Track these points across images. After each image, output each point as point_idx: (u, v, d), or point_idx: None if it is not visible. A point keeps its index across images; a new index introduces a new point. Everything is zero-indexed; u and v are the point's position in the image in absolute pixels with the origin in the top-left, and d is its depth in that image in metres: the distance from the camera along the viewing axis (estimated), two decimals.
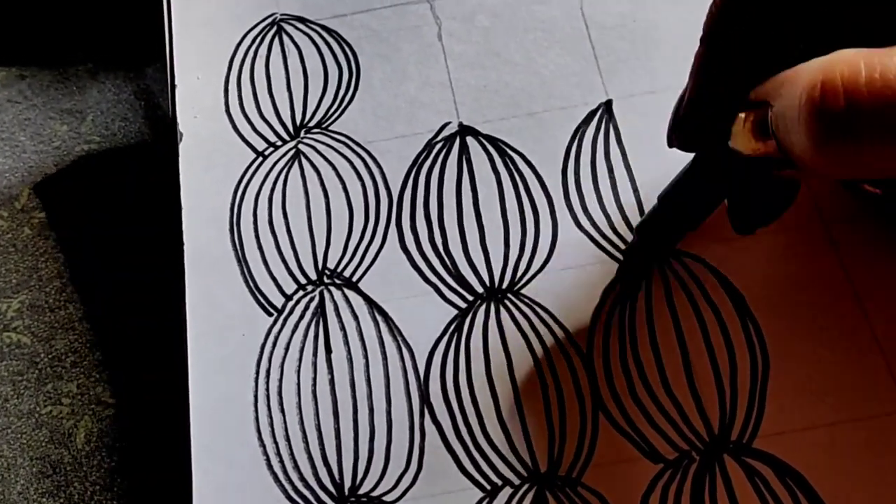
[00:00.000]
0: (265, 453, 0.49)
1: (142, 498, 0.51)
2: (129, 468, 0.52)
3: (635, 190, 0.53)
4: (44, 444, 0.52)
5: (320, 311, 0.52)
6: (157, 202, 0.58)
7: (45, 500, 0.50)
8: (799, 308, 0.49)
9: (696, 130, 0.43)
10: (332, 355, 0.51)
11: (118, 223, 0.59)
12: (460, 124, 0.57)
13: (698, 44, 0.41)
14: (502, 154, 0.55)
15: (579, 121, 0.56)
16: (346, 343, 0.51)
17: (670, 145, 0.44)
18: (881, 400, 0.47)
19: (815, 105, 0.32)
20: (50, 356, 0.54)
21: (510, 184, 0.54)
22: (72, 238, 0.58)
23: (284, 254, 0.54)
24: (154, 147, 0.61)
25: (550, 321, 0.50)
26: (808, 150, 0.33)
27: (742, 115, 0.38)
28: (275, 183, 0.56)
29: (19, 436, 0.52)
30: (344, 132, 0.57)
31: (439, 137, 0.56)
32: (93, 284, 0.57)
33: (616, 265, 0.51)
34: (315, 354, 0.51)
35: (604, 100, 0.56)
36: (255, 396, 0.50)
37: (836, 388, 0.47)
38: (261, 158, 0.57)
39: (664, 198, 0.48)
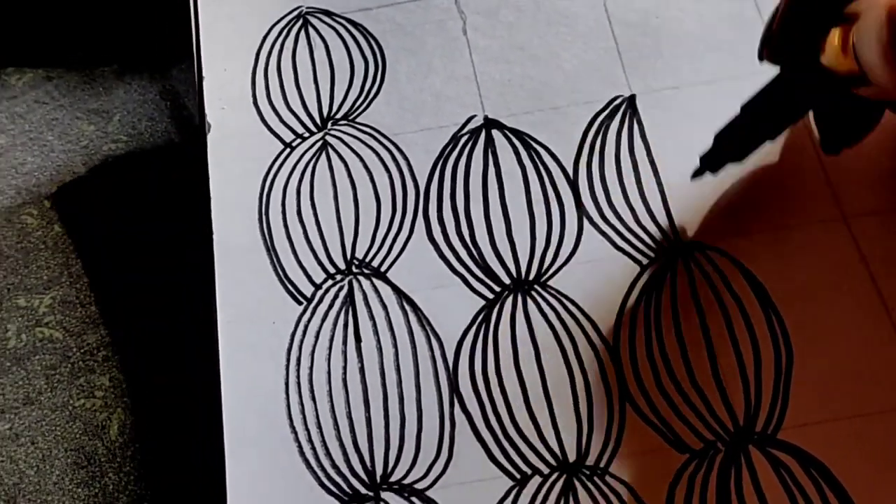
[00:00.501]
0: (297, 440, 0.49)
1: (175, 487, 0.52)
2: (162, 458, 0.53)
3: (659, 183, 0.54)
4: (78, 435, 0.53)
5: (349, 300, 0.53)
6: (184, 199, 0.58)
7: (79, 490, 0.51)
8: (821, 301, 0.50)
9: (786, 44, 0.44)
10: (362, 344, 0.51)
11: (145, 220, 0.59)
12: (485, 117, 0.57)
13: None
14: (527, 147, 0.56)
15: (603, 115, 0.57)
16: (376, 332, 0.52)
17: (760, 59, 0.46)
18: None
19: (890, 22, 0.34)
20: (82, 350, 0.55)
21: (535, 176, 0.55)
22: (100, 235, 0.59)
23: (313, 243, 0.54)
24: (180, 145, 0.62)
25: (577, 313, 0.51)
26: (879, 64, 0.35)
27: (836, 29, 0.39)
28: (303, 174, 0.56)
29: (54, 428, 0.53)
30: (370, 124, 0.58)
31: (465, 130, 0.57)
32: (121, 280, 0.58)
33: (641, 260, 0.52)
34: (345, 343, 0.51)
35: (627, 94, 0.57)
36: (286, 384, 0.51)
37: (860, 380, 0.48)
38: (289, 149, 0.57)
39: (747, 106, 0.49)
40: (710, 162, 0.51)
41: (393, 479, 0.48)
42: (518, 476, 0.48)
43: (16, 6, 0.67)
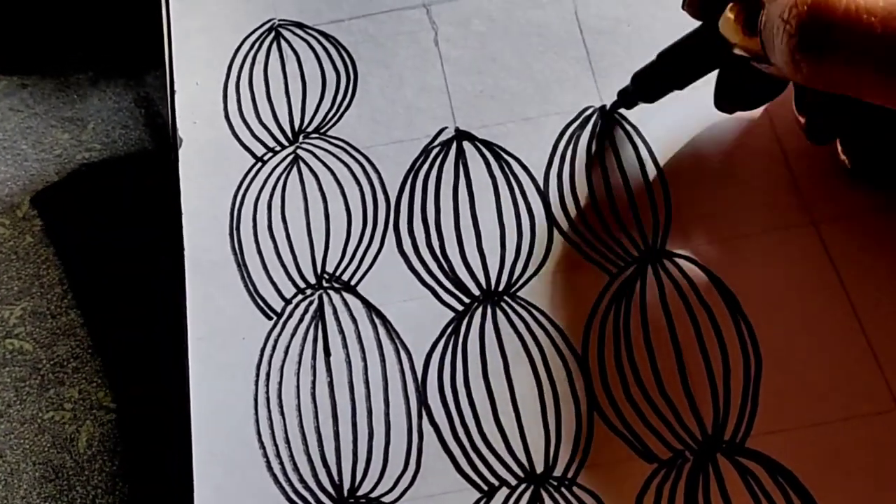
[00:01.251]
0: (265, 455, 0.49)
1: (144, 500, 0.52)
2: (130, 472, 0.53)
3: (629, 193, 0.54)
4: (46, 448, 0.53)
5: (319, 315, 0.53)
6: (158, 209, 0.58)
7: None
8: (791, 308, 0.50)
9: (702, 4, 0.47)
10: (331, 358, 0.51)
11: (119, 230, 0.59)
12: (457, 129, 0.57)
13: None
14: (498, 158, 0.56)
15: (575, 125, 0.56)
16: (345, 346, 0.52)
17: (683, 7, 0.48)
18: (872, 399, 0.47)
19: (799, 19, 0.35)
20: (52, 362, 0.55)
21: (506, 188, 0.55)
22: (73, 245, 0.59)
23: (284, 258, 0.54)
24: (154, 154, 0.62)
25: (546, 323, 0.51)
26: (786, 58, 0.36)
27: (733, 5, 0.41)
28: (274, 188, 0.57)
29: (22, 441, 0.53)
30: (342, 137, 0.58)
31: (436, 142, 0.57)
32: (94, 291, 0.58)
33: (610, 269, 0.52)
34: (314, 357, 0.51)
35: (598, 104, 0.57)
36: (256, 399, 0.51)
37: (828, 388, 0.48)
38: (260, 164, 0.57)
39: (663, 54, 0.52)
40: (625, 99, 0.55)
41: (360, 492, 0.48)
42: (486, 488, 0.48)
43: None
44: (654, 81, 0.53)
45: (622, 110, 0.56)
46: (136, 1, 0.68)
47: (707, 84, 0.51)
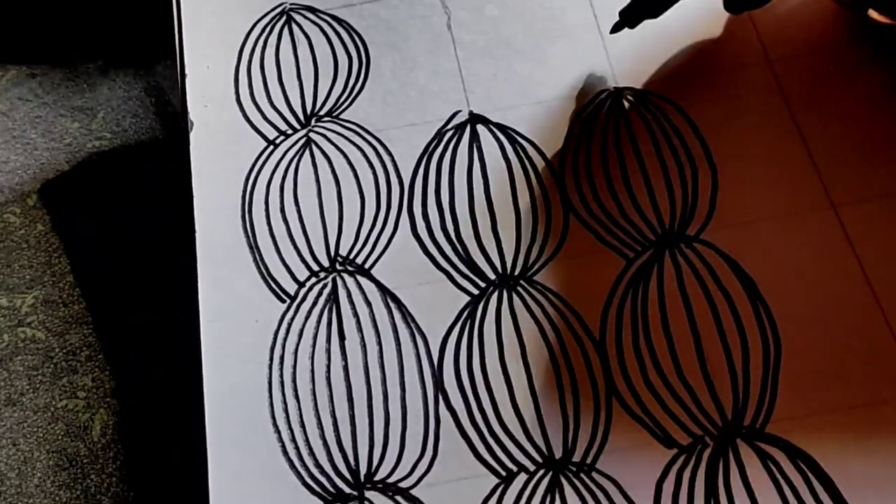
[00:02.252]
0: (280, 440, 0.49)
1: (158, 487, 0.51)
2: (144, 459, 0.52)
3: (645, 177, 0.54)
4: (60, 437, 0.52)
5: (333, 298, 0.52)
6: (169, 196, 0.58)
7: (61, 492, 0.50)
8: (810, 293, 0.49)
9: None
10: (346, 342, 0.51)
11: (130, 217, 0.59)
12: (470, 113, 0.57)
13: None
14: (512, 142, 0.56)
15: (590, 109, 0.56)
16: (360, 330, 0.51)
17: None
18: (893, 385, 0.47)
19: None
20: (64, 350, 0.54)
21: (521, 171, 0.55)
22: (84, 233, 0.58)
23: (297, 241, 0.54)
24: (164, 142, 0.61)
25: (563, 308, 0.51)
26: None
27: None
28: (286, 171, 0.56)
29: (36, 430, 0.52)
30: (354, 121, 0.57)
31: (450, 126, 0.57)
32: (105, 279, 0.57)
33: (627, 254, 0.52)
34: (329, 341, 0.51)
35: (612, 88, 0.57)
36: (269, 383, 0.50)
37: (848, 373, 0.47)
38: (272, 147, 0.57)
39: None
40: (629, 17, 0.55)
41: (377, 477, 0.48)
42: (504, 473, 0.47)
43: None
44: None
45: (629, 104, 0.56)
46: None
47: (725, 70, 0.51)
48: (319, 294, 0.52)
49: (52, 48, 0.65)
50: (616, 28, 0.55)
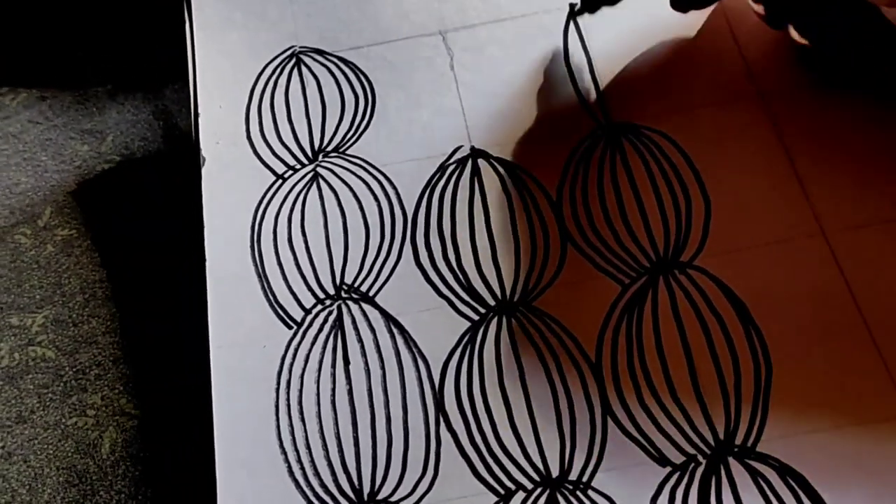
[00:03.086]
0: (286, 461, 0.50)
1: None
2: (153, 477, 0.53)
3: (640, 207, 0.55)
4: (70, 454, 0.54)
5: (338, 324, 0.54)
6: (177, 220, 0.60)
7: None
8: (800, 315, 0.51)
9: None
10: (350, 366, 0.52)
11: (138, 240, 0.61)
12: (472, 148, 0.59)
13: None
14: (512, 175, 0.58)
15: (586, 143, 0.58)
16: (364, 354, 0.53)
17: None
18: (882, 405, 0.48)
19: None
20: (74, 369, 0.56)
21: (520, 202, 0.57)
22: (93, 254, 0.60)
23: (303, 270, 0.56)
24: (173, 166, 0.63)
25: (560, 332, 0.52)
26: None
27: None
28: (294, 203, 0.58)
29: (46, 447, 0.54)
30: (360, 156, 0.60)
31: (452, 160, 0.59)
32: (115, 299, 0.59)
33: (623, 280, 0.53)
34: (334, 366, 0.53)
35: (606, 123, 0.59)
36: (277, 406, 0.52)
37: (838, 393, 0.49)
38: (280, 181, 0.59)
39: None
40: (589, 3, 0.59)
41: (380, 496, 0.49)
42: (502, 492, 0.48)
43: (9, 26, 0.69)
44: None
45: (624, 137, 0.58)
46: (154, 15, 0.70)
47: (720, 106, 0.53)
48: (325, 321, 0.54)
49: (62, 71, 0.67)
50: (578, 12, 0.60)
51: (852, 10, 0.50)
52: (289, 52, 0.64)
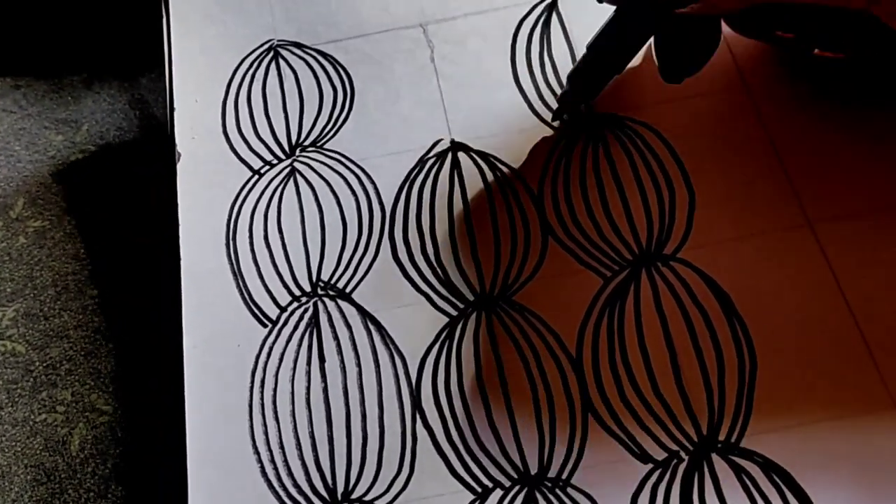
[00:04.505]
0: (259, 461, 0.49)
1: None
2: (123, 475, 0.52)
3: (623, 199, 0.54)
4: (38, 451, 0.53)
5: (314, 322, 0.53)
6: (152, 211, 0.59)
7: None
8: (786, 309, 0.50)
9: None
10: (326, 364, 0.51)
11: (113, 232, 0.60)
12: (452, 141, 0.58)
13: None
14: (493, 168, 0.56)
15: (567, 135, 0.57)
16: (340, 352, 0.52)
17: (599, 0, 0.52)
18: (867, 399, 0.47)
19: None
20: (44, 364, 0.55)
21: (501, 196, 0.55)
22: (66, 247, 0.59)
23: (279, 266, 0.55)
24: (149, 156, 0.62)
25: (541, 327, 0.51)
26: None
27: None
28: (270, 199, 0.57)
29: (14, 444, 0.53)
30: (338, 150, 0.58)
31: (432, 153, 0.57)
32: (87, 293, 0.58)
33: (604, 273, 0.52)
34: (309, 363, 0.52)
35: (589, 114, 0.57)
36: (250, 405, 0.51)
37: (822, 387, 0.47)
38: (257, 176, 0.58)
39: (592, 45, 0.54)
40: (566, 104, 0.57)
41: (354, 495, 0.48)
42: (479, 490, 0.47)
43: None
44: (593, 76, 0.55)
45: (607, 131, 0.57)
46: (129, 4, 0.69)
47: (705, 95, 0.52)
48: (301, 318, 0.53)
49: (37, 60, 0.66)
50: (556, 116, 0.58)
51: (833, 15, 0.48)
52: (266, 46, 0.63)
